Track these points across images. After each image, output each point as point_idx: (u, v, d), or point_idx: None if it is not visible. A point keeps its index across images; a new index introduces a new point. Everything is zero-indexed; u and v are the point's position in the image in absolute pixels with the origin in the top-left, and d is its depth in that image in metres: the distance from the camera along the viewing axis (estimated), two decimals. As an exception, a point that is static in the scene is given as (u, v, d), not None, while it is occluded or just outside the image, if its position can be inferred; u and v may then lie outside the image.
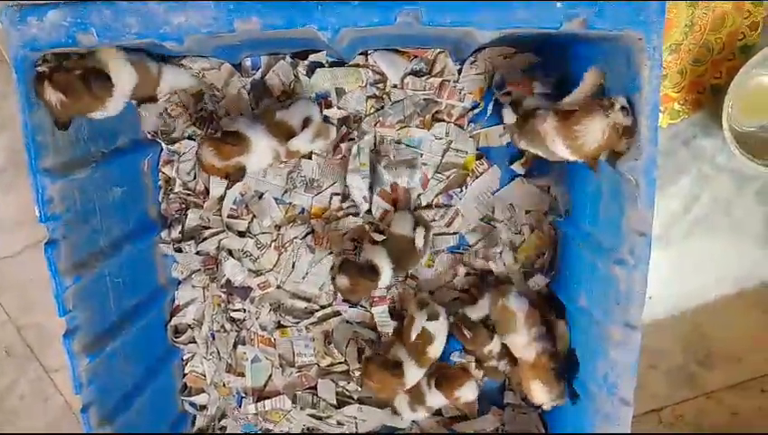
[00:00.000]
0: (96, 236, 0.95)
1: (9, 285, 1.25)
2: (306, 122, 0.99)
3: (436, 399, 1.07)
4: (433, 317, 1.05)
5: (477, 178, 1.09)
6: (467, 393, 1.04)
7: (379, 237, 1.06)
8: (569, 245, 1.05)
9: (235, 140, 0.94)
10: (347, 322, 1.16)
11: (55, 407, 1.31)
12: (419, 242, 1.03)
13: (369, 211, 1.10)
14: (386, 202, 1.09)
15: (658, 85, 0.76)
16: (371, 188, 1.08)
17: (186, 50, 0.83)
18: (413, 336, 1.04)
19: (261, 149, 0.96)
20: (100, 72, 0.86)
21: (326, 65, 1.06)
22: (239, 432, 1.23)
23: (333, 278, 1.06)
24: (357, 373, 1.14)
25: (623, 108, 0.77)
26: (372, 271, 1.01)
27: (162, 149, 1.11)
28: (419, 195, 1.10)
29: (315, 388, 1.19)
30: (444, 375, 1.05)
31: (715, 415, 1.22)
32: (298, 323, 1.15)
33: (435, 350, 1.06)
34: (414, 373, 1.05)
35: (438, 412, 1.18)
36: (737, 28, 1.03)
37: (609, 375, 0.90)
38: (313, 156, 1.09)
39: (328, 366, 1.18)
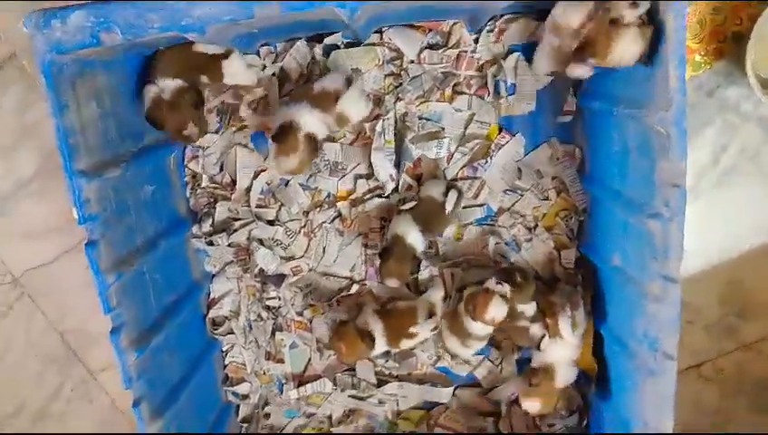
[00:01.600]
0: (132, 234, 0.97)
1: (47, 292, 1.27)
2: (349, 81, 0.99)
3: (475, 327, 1.04)
4: (433, 329, 1.08)
5: (501, 148, 1.09)
6: (498, 312, 1.01)
7: (407, 206, 1.07)
8: (598, 206, 1.05)
9: (289, 134, 0.96)
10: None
11: (102, 407, 1.34)
12: (449, 206, 1.03)
13: (396, 190, 1.10)
14: (410, 177, 1.10)
15: (684, 35, 0.75)
16: (398, 165, 1.08)
17: (206, 40, 0.84)
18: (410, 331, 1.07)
19: (312, 125, 0.97)
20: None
21: (341, 47, 1.06)
22: (283, 418, 1.25)
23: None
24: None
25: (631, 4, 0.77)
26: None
27: (186, 146, 1.12)
28: (444, 169, 1.10)
29: (354, 369, 1.21)
30: (473, 305, 1.02)
31: (756, 366, 1.22)
32: (329, 301, 1.16)
33: (408, 344, 1.09)
34: (382, 349, 1.08)
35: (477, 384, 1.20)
36: (755, -27, 1.02)
37: (650, 331, 0.90)
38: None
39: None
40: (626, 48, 0.79)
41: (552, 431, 1.18)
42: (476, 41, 1.04)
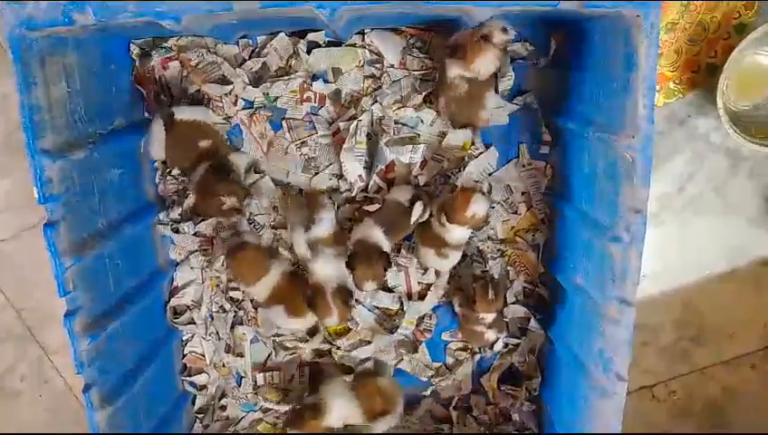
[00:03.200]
0: (95, 217, 0.95)
1: (6, 268, 1.25)
2: (294, 226, 1.05)
3: (454, 233, 1.02)
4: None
5: (474, 159, 1.10)
6: (480, 208, 0.98)
7: (372, 208, 1.06)
8: (566, 225, 1.06)
9: (318, 299, 1.05)
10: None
11: (56, 388, 1.32)
12: (414, 217, 1.02)
13: (365, 190, 1.10)
14: (381, 180, 1.10)
15: (655, 64, 0.77)
16: (370, 168, 1.08)
17: (183, 29, 0.83)
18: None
19: (331, 278, 1.05)
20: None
21: (323, 45, 1.05)
22: (239, 411, 1.24)
23: None
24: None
25: (503, 29, 0.89)
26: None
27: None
28: (417, 175, 1.10)
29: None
30: (449, 208, 0.99)
31: (706, 390, 1.25)
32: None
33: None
34: (263, 294, 1.06)
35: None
36: (733, 7, 1.03)
37: (605, 351, 0.91)
38: (312, 136, 1.09)
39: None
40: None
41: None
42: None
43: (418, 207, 1.02)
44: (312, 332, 1.14)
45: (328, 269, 1.04)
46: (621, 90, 0.81)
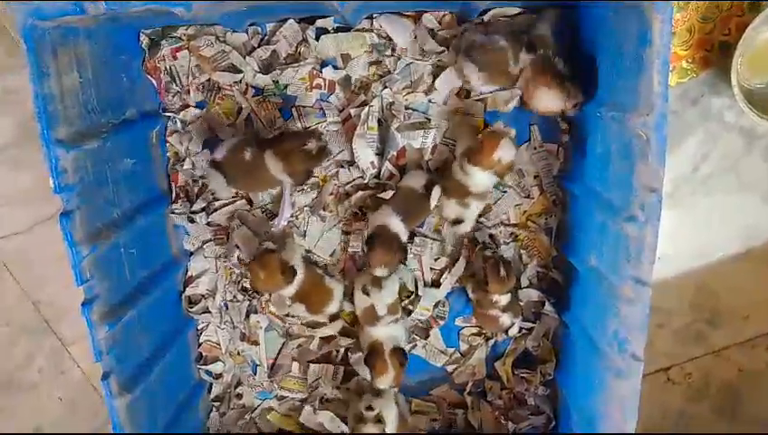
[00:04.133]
0: (109, 206, 0.96)
1: (22, 261, 1.26)
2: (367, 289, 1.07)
3: (476, 177, 0.99)
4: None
5: (485, 143, 1.09)
6: (506, 153, 0.96)
7: (386, 195, 1.06)
8: (579, 207, 1.05)
9: (377, 358, 1.08)
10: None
11: (73, 379, 1.33)
12: (434, 202, 1.03)
13: (377, 176, 1.10)
14: (393, 166, 1.10)
15: (669, 40, 0.76)
16: (381, 154, 1.08)
17: (193, 17, 0.83)
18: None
19: (387, 337, 1.10)
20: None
21: (331, 31, 1.05)
22: (255, 399, 1.25)
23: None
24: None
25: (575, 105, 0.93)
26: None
27: (169, 120, 1.11)
28: (428, 160, 1.10)
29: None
30: (476, 150, 0.97)
31: (722, 372, 1.24)
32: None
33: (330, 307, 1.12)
34: (292, 291, 1.07)
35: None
36: (746, -17, 1.02)
37: (620, 332, 0.91)
38: (322, 123, 1.09)
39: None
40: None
41: (520, 431, 1.20)
42: (464, 32, 1.03)
43: (437, 191, 1.03)
44: (333, 319, 1.15)
45: (388, 331, 1.09)
46: (635, 68, 0.80)
